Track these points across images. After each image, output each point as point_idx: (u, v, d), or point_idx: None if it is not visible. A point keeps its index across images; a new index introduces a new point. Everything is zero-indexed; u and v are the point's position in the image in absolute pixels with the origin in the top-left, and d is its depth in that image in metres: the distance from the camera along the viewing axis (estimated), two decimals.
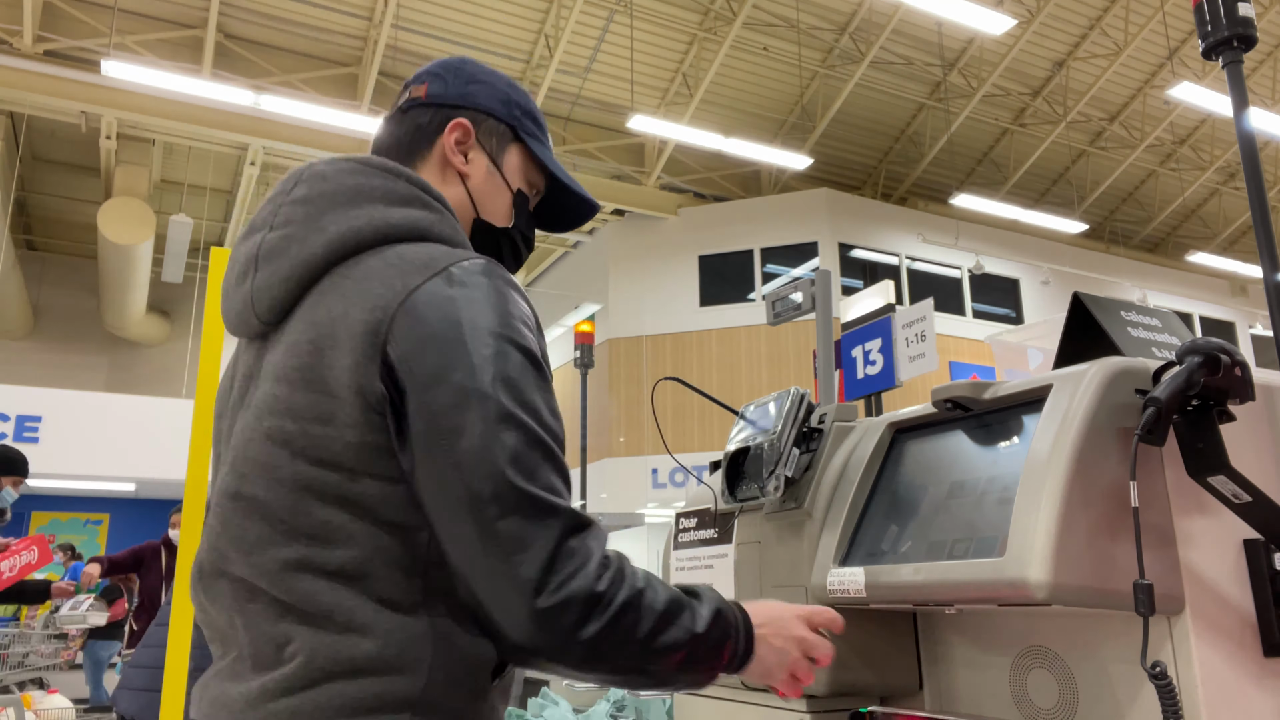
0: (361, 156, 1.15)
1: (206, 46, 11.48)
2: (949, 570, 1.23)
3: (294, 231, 1.08)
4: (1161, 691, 1.04)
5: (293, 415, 1.01)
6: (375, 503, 0.99)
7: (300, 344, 1.03)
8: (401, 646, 0.97)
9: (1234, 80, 1.90)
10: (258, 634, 1.01)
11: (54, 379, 14.33)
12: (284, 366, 1.04)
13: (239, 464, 1.05)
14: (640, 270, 14.61)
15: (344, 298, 1.02)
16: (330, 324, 1.02)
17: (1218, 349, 1.14)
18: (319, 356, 1.01)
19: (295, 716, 0.96)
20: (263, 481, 1.02)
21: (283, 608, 0.99)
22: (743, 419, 1.74)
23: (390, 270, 1.03)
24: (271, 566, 1.00)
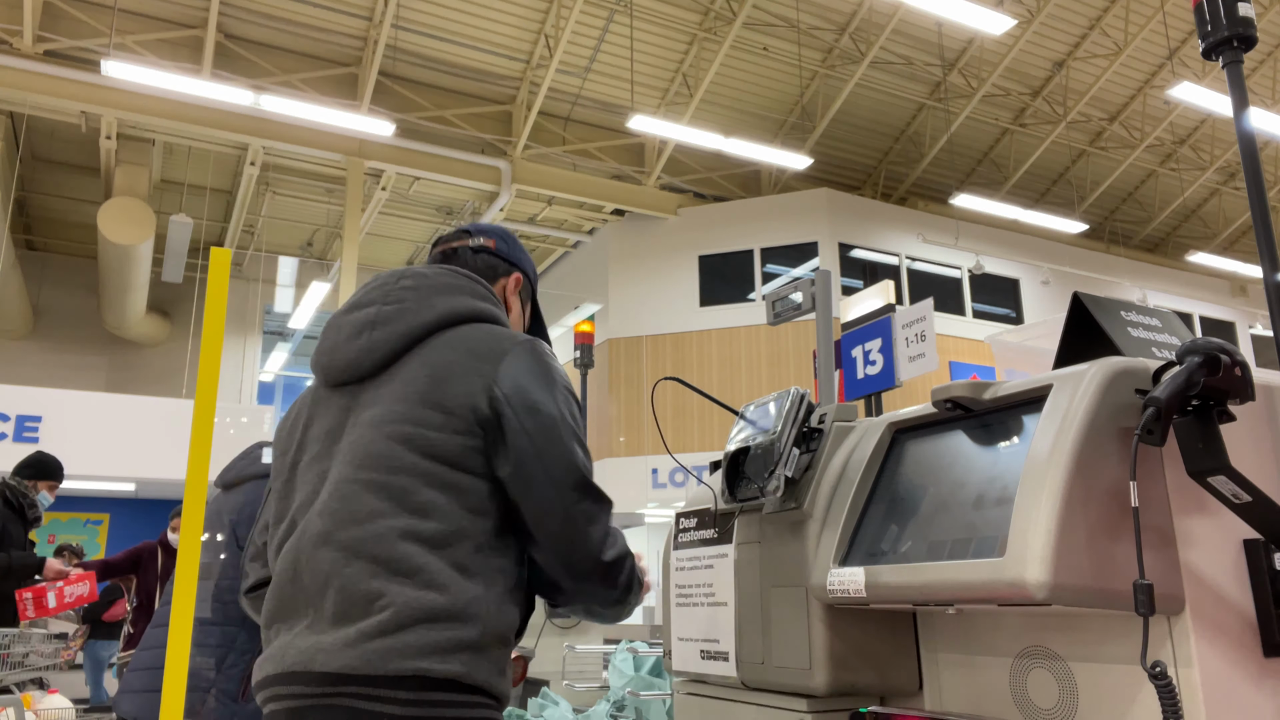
0: (452, 267, 1.62)
1: (206, 46, 11.48)
2: (949, 570, 1.23)
3: (408, 306, 1.52)
4: (1161, 691, 1.04)
5: (412, 423, 1.41)
6: (465, 491, 1.40)
7: (419, 378, 1.45)
8: (466, 604, 1.35)
9: (1234, 80, 1.90)
10: (353, 591, 1.34)
11: (54, 379, 14.33)
12: (402, 393, 1.44)
13: (360, 459, 1.42)
14: (640, 270, 14.61)
15: (453, 349, 1.47)
16: (446, 365, 1.45)
17: (1218, 349, 1.14)
18: (437, 385, 1.43)
19: (388, 653, 1.30)
20: (383, 469, 1.39)
21: (379, 567, 1.34)
22: (743, 419, 1.74)
23: (488, 336, 1.50)
24: (381, 532, 1.36)
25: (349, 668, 1.30)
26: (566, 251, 16.29)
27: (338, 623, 1.34)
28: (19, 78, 10.74)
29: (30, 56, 10.83)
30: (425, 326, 1.50)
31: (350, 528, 1.37)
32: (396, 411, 1.42)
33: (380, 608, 1.32)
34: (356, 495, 1.39)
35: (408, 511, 1.37)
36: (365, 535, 1.36)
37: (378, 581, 1.33)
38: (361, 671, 1.30)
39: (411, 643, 1.30)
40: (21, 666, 4.49)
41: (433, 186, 14.14)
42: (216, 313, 1.81)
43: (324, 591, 1.37)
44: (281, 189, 14.40)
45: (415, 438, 1.40)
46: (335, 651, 1.32)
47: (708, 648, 1.78)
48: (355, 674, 1.30)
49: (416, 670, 1.30)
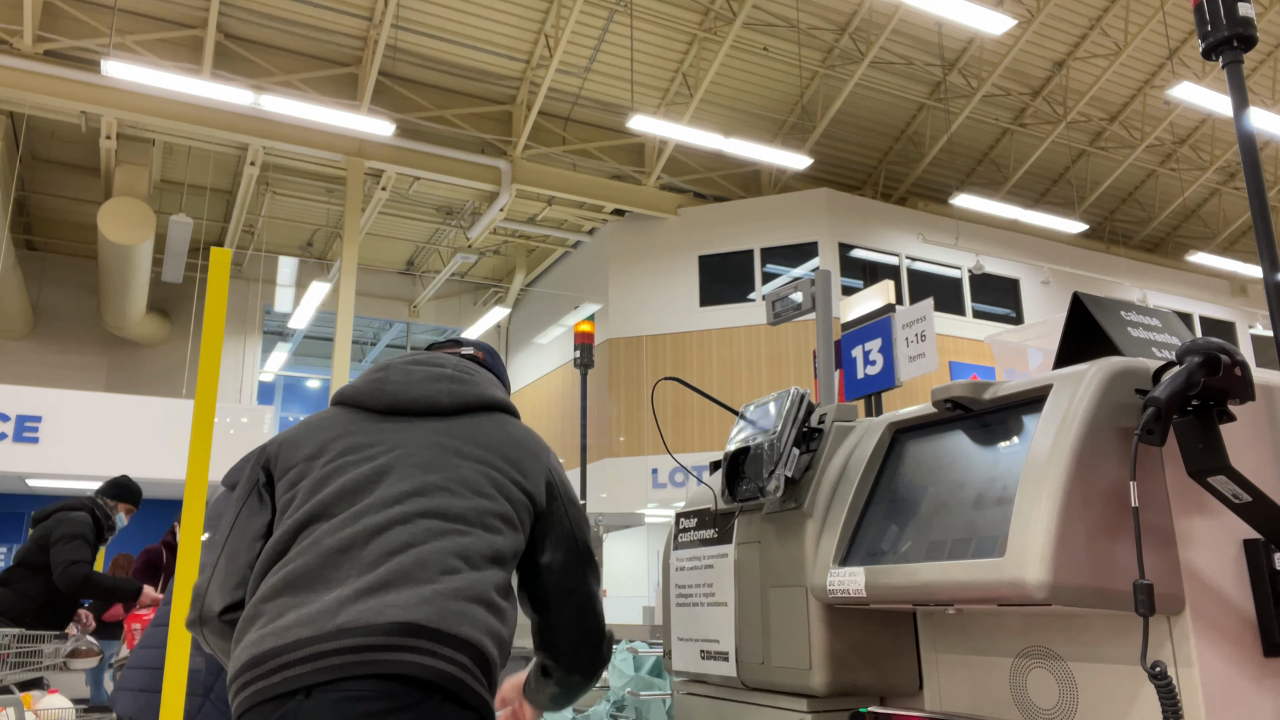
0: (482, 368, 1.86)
1: (206, 46, 11.48)
2: (949, 570, 1.23)
3: (478, 380, 1.76)
4: (1161, 691, 1.04)
5: (495, 469, 1.61)
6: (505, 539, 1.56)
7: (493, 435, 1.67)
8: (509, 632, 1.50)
9: (1234, 80, 1.90)
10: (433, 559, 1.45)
11: (54, 379, 14.34)
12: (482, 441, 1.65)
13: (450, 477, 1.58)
14: (640, 270, 14.61)
15: (519, 429, 1.72)
16: (521, 440, 1.69)
17: (1218, 349, 1.14)
18: (514, 451, 1.66)
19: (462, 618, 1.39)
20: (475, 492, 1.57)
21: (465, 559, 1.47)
22: (743, 419, 1.74)
23: (530, 434, 1.75)
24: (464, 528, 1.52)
25: (425, 619, 1.35)
26: (566, 251, 16.30)
27: (409, 582, 1.40)
28: (19, 78, 10.74)
29: (30, 56, 10.83)
30: (486, 401, 1.73)
31: (436, 515, 1.50)
32: (478, 454, 1.62)
33: (457, 572, 1.44)
34: (445, 496, 1.53)
35: (480, 528, 1.53)
36: (451, 524, 1.50)
37: (459, 561, 1.45)
38: (434, 625, 1.35)
39: (478, 618, 1.41)
40: (22, 667, 4.49)
41: (433, 186, 14.14)
42: (216, 313, 1.81)
43: (394, 556, 1.43)
44: (281, 189, 14.40)
45: (497, 482, 1.59)
46: (411, 606, 1.37)
47: (708, 648, 1.78)
48: (429, 626, 1.35)
49: (479, 642, 1.39)
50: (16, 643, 4.44)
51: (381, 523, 1.47)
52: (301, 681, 1.30)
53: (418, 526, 1.47)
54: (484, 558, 1.49)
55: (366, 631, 1.32)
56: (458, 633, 1.36)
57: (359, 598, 1.37)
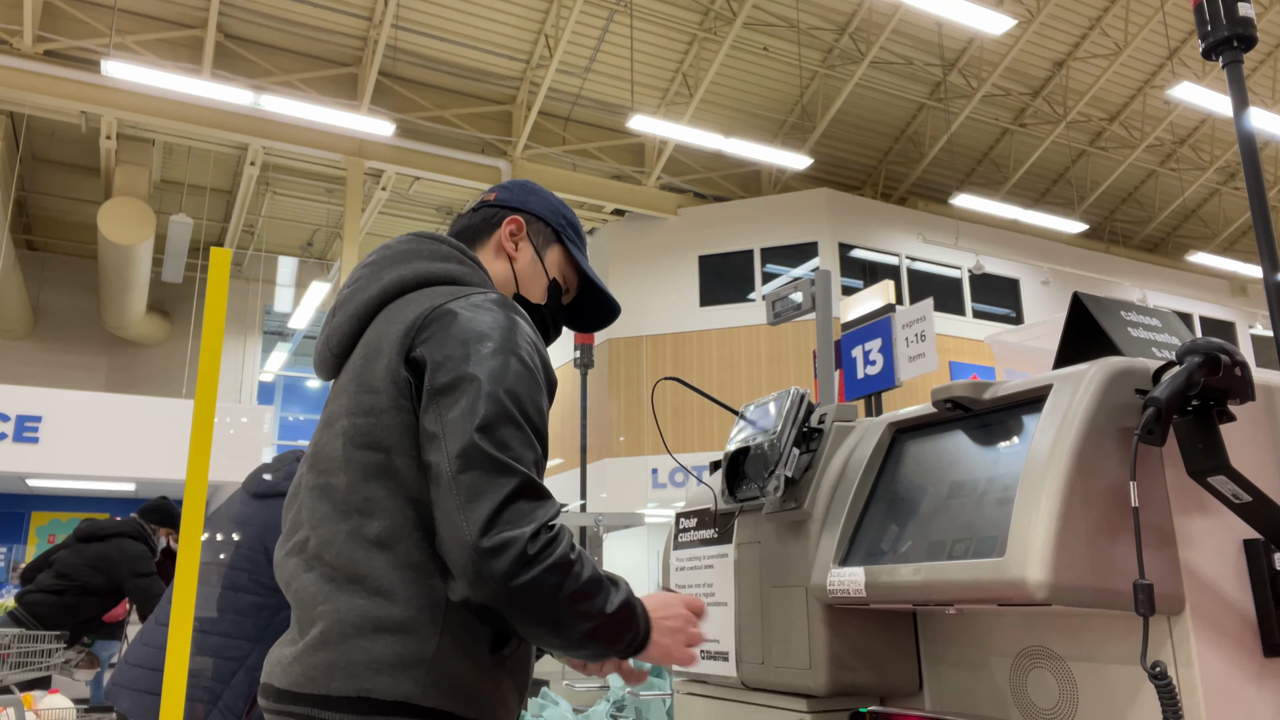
0: (420, 232, 1.50)
1: (206, 46, 11.48)
2: (949, 570, 1.23)
3: (360, 285, 1.41)
4: (1161, 691, 1.04)
5: (350, 413, 1.29)
6: (406, 479, 1.23)
7: (355, 361, 1.34)
8: (419, 610, 1.19)
9: (1234, 80, 1.90)
10: (304, 599, 1.24)
11: (54, 379, 14.33)
12: (345, 381, 1.34)
13: (318, 462, 1.32)
14: (640, 270, 14.61)
15: (388, 321, 1.33)
16: (377, 340, 1.32)
17: (1218, 349, 1.14)
18: (367, 365, 1.31)
19: (330, 669, 1.17)
20: (331, 470, 1.29)
21: (330, 573, 1.23)
22: (743, 419, 1.74)
23: (423, 297, 1.34)
24: (329, 537, 1.25)
25: (295, 685, 1.21)
26: None
27: (298, 635, 1.25)
28: (19, 78, 10.74)
29: (30, 56, 10.83)
30: (369, 304, 1.37)
31: (311, 534, 1.28)
32: (339, 404, 1.32)
33: (323, 615, 1.21)
34: (311, 502, 1.30)
35: (354, 512, 1.24)
36: (319, 541, 1.26)
37: (326, 588, 1.22)
38: (306, 690, 1.19)
39: (355, 658, 1.17)
40: (22, 667, 4.49)
41: (433, 186, 14.14)
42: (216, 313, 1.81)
43: (292, 601, 1.30)
44: (281, 189, 14.40)
45: (352, 430, 1.27)
46: (286, 665, 1.23)
47: (708, 648, 1.78)
48: (301, 692, 1.20)
49: (360, 691, 1.16)
50: (18, 642, 4.44)
51: (283, 554, 1.35)
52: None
53: (295, 561, 1.31)
54: (355, 561, 1.22)
55: (266, 694, 1.28)
56: (328, 693, 1.18)
57: (278, 645, 1.31)
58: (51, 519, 13.93)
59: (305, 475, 1.35)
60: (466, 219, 1.59)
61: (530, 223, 1.57)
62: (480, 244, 1.56)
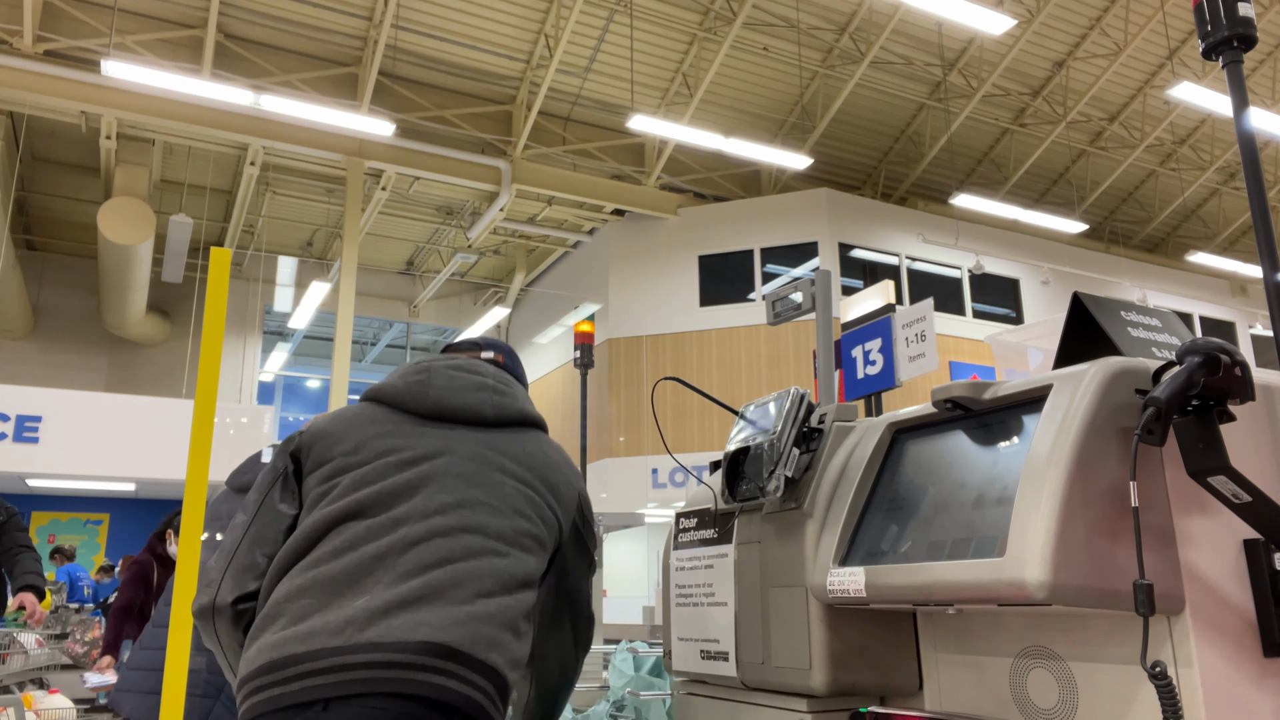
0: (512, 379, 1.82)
1: (206, 46, 11.48)
2: (949, 570, 1.23)
3: (516, 392, 1.74)
4: (1161, 691, 1.04)
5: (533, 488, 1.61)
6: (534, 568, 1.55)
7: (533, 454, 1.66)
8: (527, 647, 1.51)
9: (1234, 80, 1.90)
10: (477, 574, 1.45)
11: (54, 379, 14.34)
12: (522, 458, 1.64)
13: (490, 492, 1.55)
14: (640, 270, 14.61)
15: (555, 450, 1.73)
16: (558, 464, 1.70)
17: (1218, 349, 1.14)
18: (551, 474, 1.66)
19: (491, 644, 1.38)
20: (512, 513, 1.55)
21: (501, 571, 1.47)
22: (743, 419, 1.74)
23: (564, 456, 1.74)
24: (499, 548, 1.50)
25: (457, 642, 1.34)
26: (566, 251, 16.29)
27: (443, 600, 1.37)
28: (19, 78, 10.74)
29: (30, 56, 10.83)
30: (526, 417, 1.71)
31: (477, 530, 1.49)
32: (519, 473, 1.61)
33: (491, 594, 1.42)
34: (488, 514, 1.52)
35: (520, 547, 1.53)
36: (496, 542, 1.49)
37: (498, 582, 1.45)
38: (465, 649, 1.34)
39: (507, 645, 1.40)
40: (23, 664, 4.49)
41: (433, 186, 14.14)
42: (216, 313, 1.81)
43: (430, 570, 1.40)
44: (281, 189, 14.40)
45: (535, 501, 1.59)
46: (444, 627, 1.34)
47: (708, 648, 1.78)
48: (460, 649, 1.34)
49: (503, 669, 1.39)
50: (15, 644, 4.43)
51: (420, 533, 1.44)
52: (322, 693, 1.26)
53: (456, 542, 1.45)
54: (517, 581, 1.48)
55: (397, 648, 1.29)
56: (486, 659, 1.35)
57: (390, 611, 1.33)
58: (51, 519, 13.93)
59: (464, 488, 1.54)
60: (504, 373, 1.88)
61: None
62: None
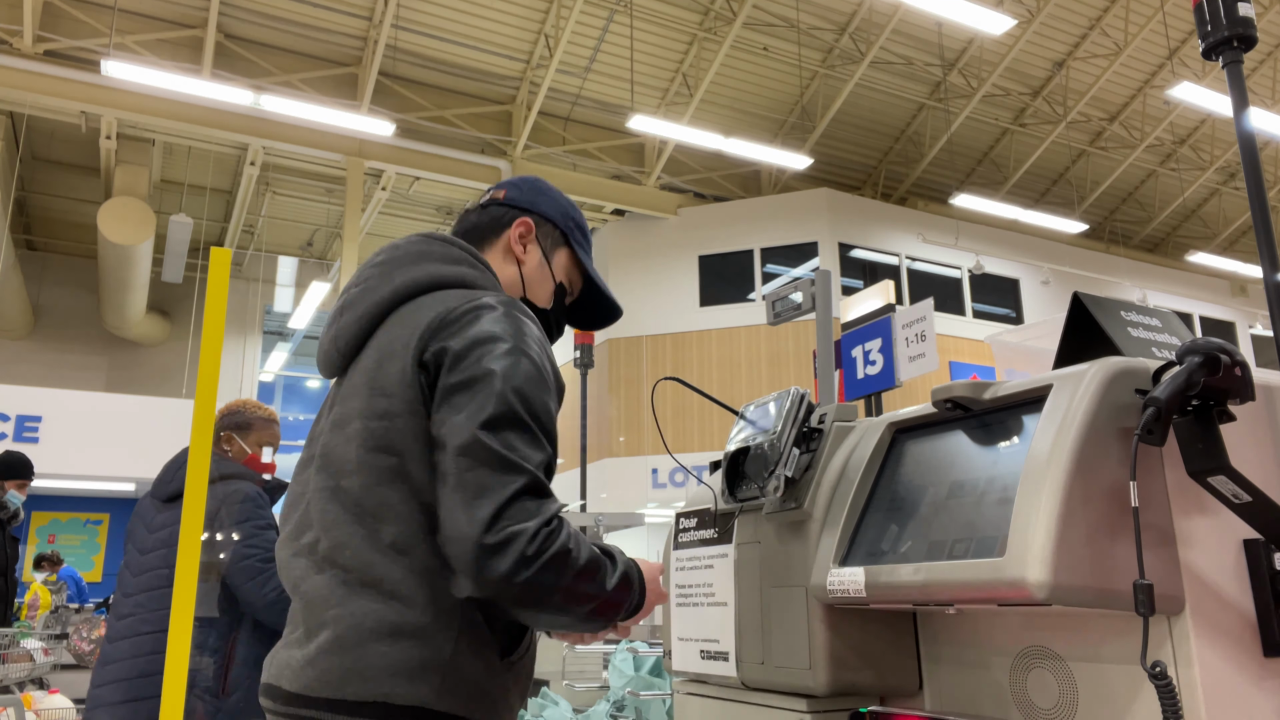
0: (429, 233, 1.49)
1: (206, 46, 11.47)
2: (949, 570, 1.23)
3: (370, 285, 1.40)
4: (1161, 691, 1.04)
5: (364, 416, 1.28)
6: (419, 483, 1.24)
7: (368, 364, 1.33)
8: (434, 615, 1.20)
9: (1234, 80, 1.90)
10: (315, 602, 1.24)
11: (54, 379, 14.32)
12: (357, 384, 1.33)
13: (329, 464, 1.31)
14: (640, 270, 14.61)
15: (401, 324, 1.33)
16: (390, 343, 1.32)
17: (1218, 349, 1.14)
18: (380, 367, 1.30)
19: (347, 675, 1.17)
20: (344, 474, 1.28)
21: (344, 577, 1.23)
22: (743, 419, 1.74)
23: (436, 301, 1.34)
24: (344, 540, 1.24)
25: (308, 689, 1.20)
26: None
27: (306, 638, 1.24)
28: (19, 78, 10.73)
29: (30, 56, 10.82)
30: (381, 305, 1.37)
31: (322, 536, 1.28)
32: (352, 407, 1.31)
33: (334, 619, 1.21)
34: (322, 502, 1.30)
35: (368, 516, 1.24)
36: (332, 543, 1.26)
37: (339, 591, 1.22)
38: (320, 694, 1.19)
39: (372, 663, 1.18)
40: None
41: (433, 186, 14.14)
42: (216, 313, 1.81)
43: (298, 603, 1.30)
44: (281, 189, 14.40)
45: (365, 433, 1.27)
46: (297, 669, 1.23)
47: (708, 648, 1.78)
48: (314, 696, 1.20)
49: (377, 696, 1.17)
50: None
51: (290, 554, 1.34)
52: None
53: (304, 562, 1.30)
54: (371, 565, 1.22)
55: (273, 695, 1.27)
56: (343, 697, 1.18)
57: (282, 649, 1.30)
58: (51, 519, 13.94)
59: (314, 477, 1.34)
60: (475, 217, 1.58)
61: (539, 225, 1.58)
62: (488, 244, 1.56)
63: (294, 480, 1.44)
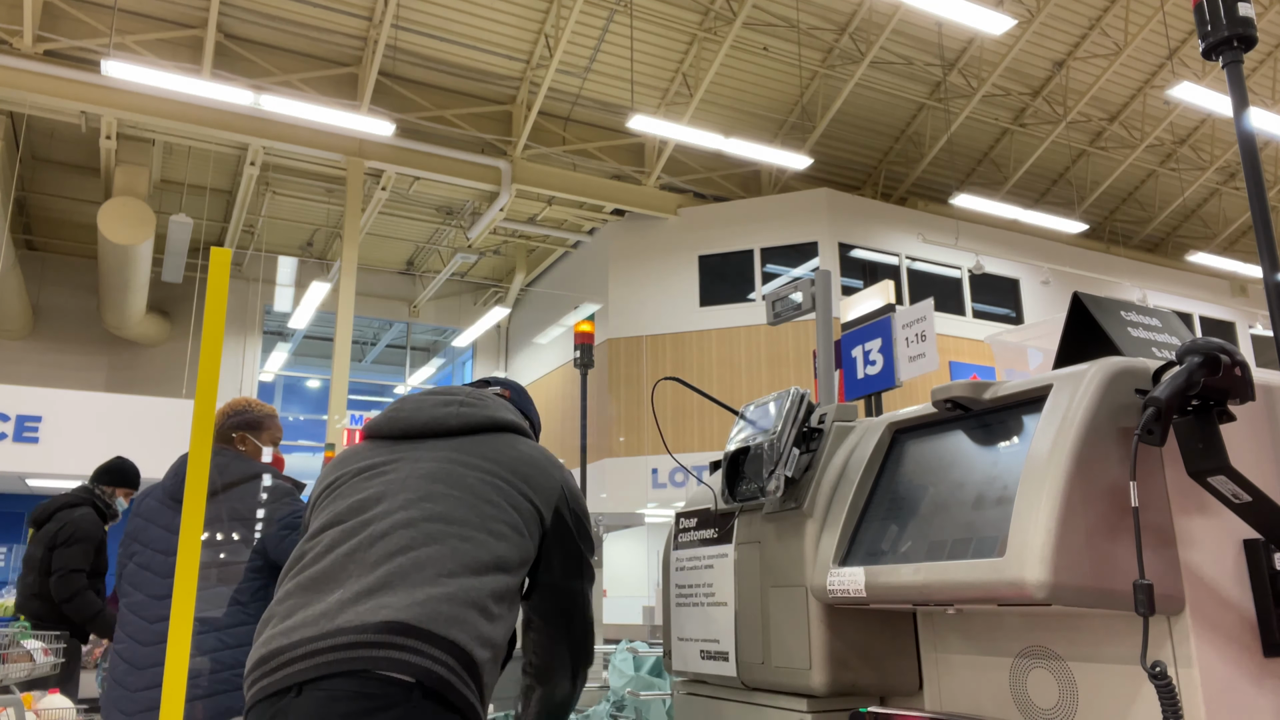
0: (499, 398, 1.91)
1: (206, 46, 11.47)
2: (949, 570, 1.23)
3: (487, 403, 1.81)
4: (1161, 691, 1.04)
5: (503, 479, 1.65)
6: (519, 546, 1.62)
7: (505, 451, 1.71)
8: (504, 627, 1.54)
9: (1234, 80, 1.90)
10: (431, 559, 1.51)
11: (54, 379, 14.33)
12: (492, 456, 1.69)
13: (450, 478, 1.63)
14: (640, 270, 14.61)
15: (529, 447, 1.77)
16: (530, 456, 1.74)
17: (1218, 349, 1.14)
18: (525, 464, 1.71)
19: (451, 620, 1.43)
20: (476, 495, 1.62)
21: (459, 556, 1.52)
22: (743, 419, 1.74)
23: (542, 451, 1.79)
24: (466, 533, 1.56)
25: (414, 619, 1.40)
26: (566, 251, 16.29)
27: (396, 585, 1.44)
28: (19, 78, 10.73)
29: (30, 56, 10.82)
30: (496, 422, 1.78)
31: (436, 521, 1.55)
32: (486, 466, 1.66)
33: (454, 575, 1.48)
34: (445, 499, 1.58)
35: (489, 532, 1.57)
36: (451, 530, 1.54)
37: (456, 564, 1.50)
38: (424, 625, 1.40)
39: (469, 620, 1.44)
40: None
41: (433, 186, 14.14)
42: (216, 313, 1.81)
43: (394, 558, 1.48)
44: (281, 189, 14.40)
45: (505, 489, 1.64)
46: (396, 607, 1.41)
47: (708, 648, 1.78)
48: (417, 625, 1.39)
49: (465, 644, 1.42)
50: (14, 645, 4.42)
51: (385, 528, 1.53)
52: (297, 678, 1.35)
53: (419, 530, 1.52)
54: (484, 563, 1.52)
55: (358, 630, 1.38)
56: (445, 634, 1.40)
57: (359, 599, 1.43)
58: None
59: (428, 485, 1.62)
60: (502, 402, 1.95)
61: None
62: None
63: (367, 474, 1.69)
